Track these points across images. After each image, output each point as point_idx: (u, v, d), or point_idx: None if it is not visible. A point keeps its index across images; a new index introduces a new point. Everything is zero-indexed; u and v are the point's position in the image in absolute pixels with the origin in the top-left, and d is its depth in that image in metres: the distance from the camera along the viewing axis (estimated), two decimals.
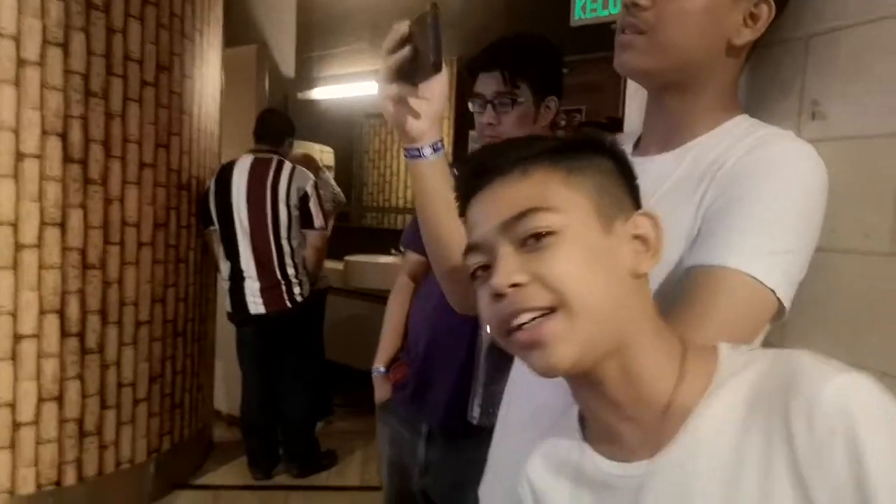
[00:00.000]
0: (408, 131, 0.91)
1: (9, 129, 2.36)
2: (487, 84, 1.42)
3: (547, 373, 0.61)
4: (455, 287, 1.04)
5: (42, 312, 2.50)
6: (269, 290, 3.01)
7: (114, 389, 2.73)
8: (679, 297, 0.76)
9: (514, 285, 0.60)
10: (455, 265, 1.00)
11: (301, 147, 4.28)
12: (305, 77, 4.77)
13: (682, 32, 0.82)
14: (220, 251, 3.10)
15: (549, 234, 0.60)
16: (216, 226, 3.05)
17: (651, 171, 0.91)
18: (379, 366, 1.66)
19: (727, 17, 0.82)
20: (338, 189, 3.90)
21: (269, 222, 2.98)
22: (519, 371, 1.02)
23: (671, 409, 0.62)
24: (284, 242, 3.01)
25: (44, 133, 2.44)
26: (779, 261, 0.74)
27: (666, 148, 0.89)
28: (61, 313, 2.53)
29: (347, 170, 4.80)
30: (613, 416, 0.65)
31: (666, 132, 0.90)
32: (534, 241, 0.61)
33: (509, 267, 0.61)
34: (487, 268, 0.64)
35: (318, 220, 3.06)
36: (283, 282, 3.01)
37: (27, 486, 2.51)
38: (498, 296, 0.61)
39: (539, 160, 0.64)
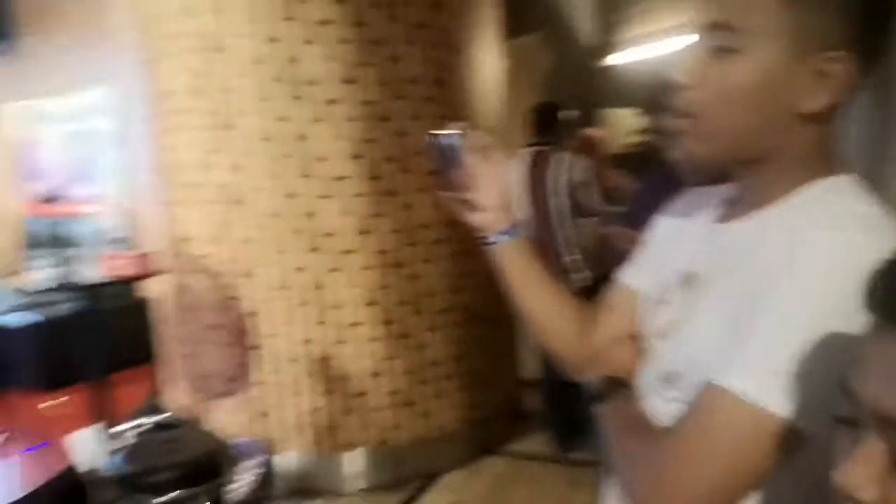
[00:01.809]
0: (470, 224, 0.95)
1: (322, 159, 2.90)
2: None
3: None
4: (565, 359, 1.03)
5: (367, 305, 3.04)
6: None
7: (426, 368, 3.18)
8: None
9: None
10: (555, 347, 1.00)
11: (613, 116, 4.23)
12: (609, 41, 4.66)
13: (732, 115, 0.70)
14: None
15: None
16: None
17: (723, 241, 0.80)
18: None
19: (789, 85, 0.68)
20: None
21: (545, 213, 3.08)
22: None
23: None
24: (561, 232, 3.08)
25: (352, 157, 2.93)
26: (780, 378, 0.63)
27: (743, 215, 0.77)
28: (379, 305, 3.04)
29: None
30: None
31: (742, 198, 0.79)
32: None
33: (868, 474, 0.44)
34: (852, 423, 0.49)
35: (592, 209, 3.05)
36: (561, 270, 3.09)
37: (369, 443, 3.11)
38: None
39: None
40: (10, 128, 4.61)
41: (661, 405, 0.83)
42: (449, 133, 0.94)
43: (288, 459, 3.04)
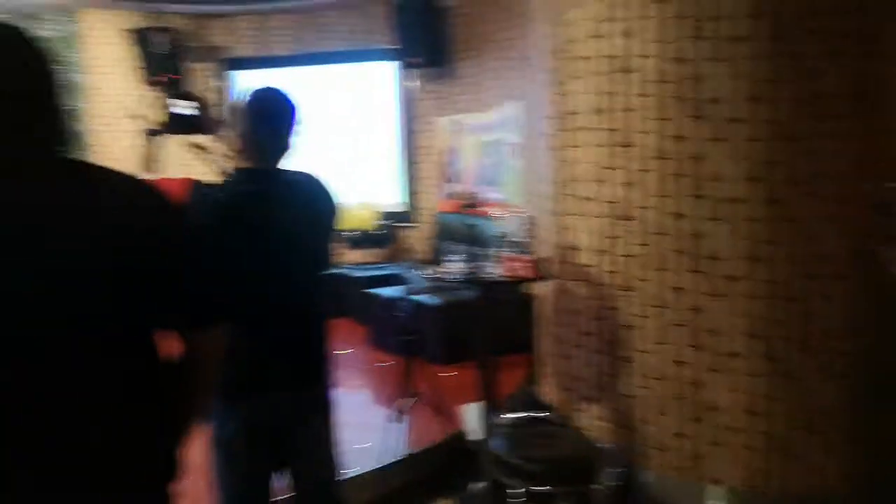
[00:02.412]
0: None
1: (715, 179, 2.80)
2: None
3: None
4: None
5: (748, 336, 2.86)
6: None
7: (813, 415, 2.85)
8: None
9: None
10: None
11: None
12: None
13: None
14: None
15: None
16: None
17: None
18: None
19: None
20: None
21: None
22: None
23: None
24: None
25: (748, 179, 2.78)
26: None
27: None
28: (762, 338, 2.83)
29: None
30: None
31: None
32: None
33: None
34: None
35: None
36: None
37: (736, 483, 2.92)
38: None
39: None
40: (439, 139, 5.50)
41: None
42: None
43: (648, 477, 3.04)
